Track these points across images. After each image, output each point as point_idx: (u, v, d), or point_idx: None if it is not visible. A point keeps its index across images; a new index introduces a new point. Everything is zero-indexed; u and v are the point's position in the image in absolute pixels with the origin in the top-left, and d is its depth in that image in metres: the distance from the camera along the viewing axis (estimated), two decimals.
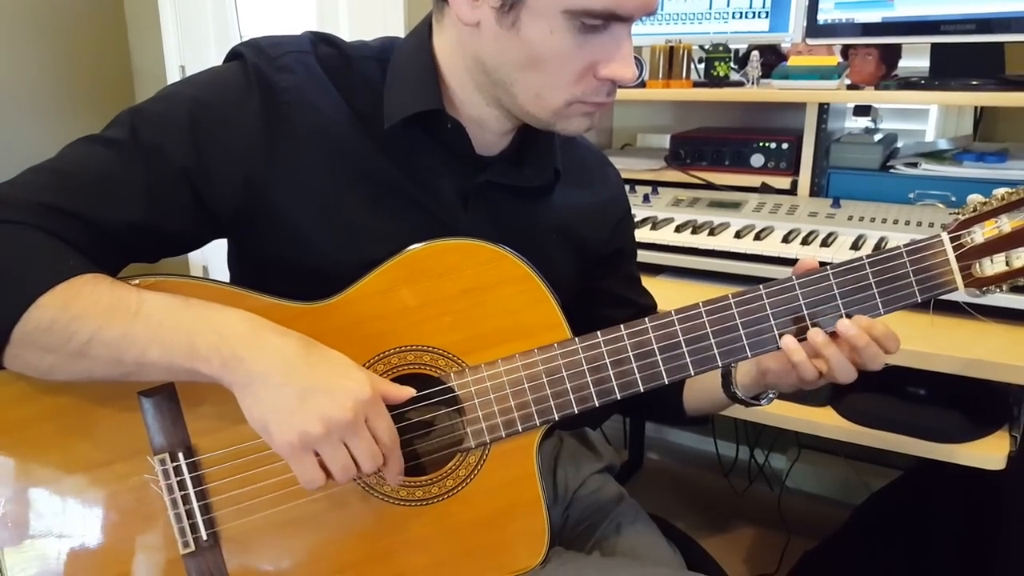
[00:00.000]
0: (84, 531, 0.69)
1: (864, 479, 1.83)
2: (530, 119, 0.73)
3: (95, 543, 0.69)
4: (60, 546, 0.68)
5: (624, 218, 0.95)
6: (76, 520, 0.69)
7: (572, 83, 0.69)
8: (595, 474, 0.97)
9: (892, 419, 1.04)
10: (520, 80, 0.70)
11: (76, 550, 0.69)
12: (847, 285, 0.73)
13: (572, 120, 0.72)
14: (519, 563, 0.75)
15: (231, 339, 0.64)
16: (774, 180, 1.49)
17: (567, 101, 0.70)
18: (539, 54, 0.67)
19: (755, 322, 0.73)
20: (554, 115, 0.71)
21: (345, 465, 0.65)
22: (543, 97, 0.70)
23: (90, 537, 0.69)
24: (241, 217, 0.73)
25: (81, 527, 0.69)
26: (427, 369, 0.73)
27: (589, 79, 0.69)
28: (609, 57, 0.68)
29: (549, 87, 0.69)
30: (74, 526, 0.69)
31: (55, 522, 0.68)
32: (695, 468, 2.09)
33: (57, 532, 0.68)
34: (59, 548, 0.68)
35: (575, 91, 0.70)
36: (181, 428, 0.70)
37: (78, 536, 0.69)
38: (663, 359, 0.73)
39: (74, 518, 0.69)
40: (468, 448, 0.74)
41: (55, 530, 0.68)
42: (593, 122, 0.74)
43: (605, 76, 0.69)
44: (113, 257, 0.69)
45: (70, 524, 0.69)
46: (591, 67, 0.69)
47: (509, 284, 0.74)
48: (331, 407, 0.63)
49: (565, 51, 0.67)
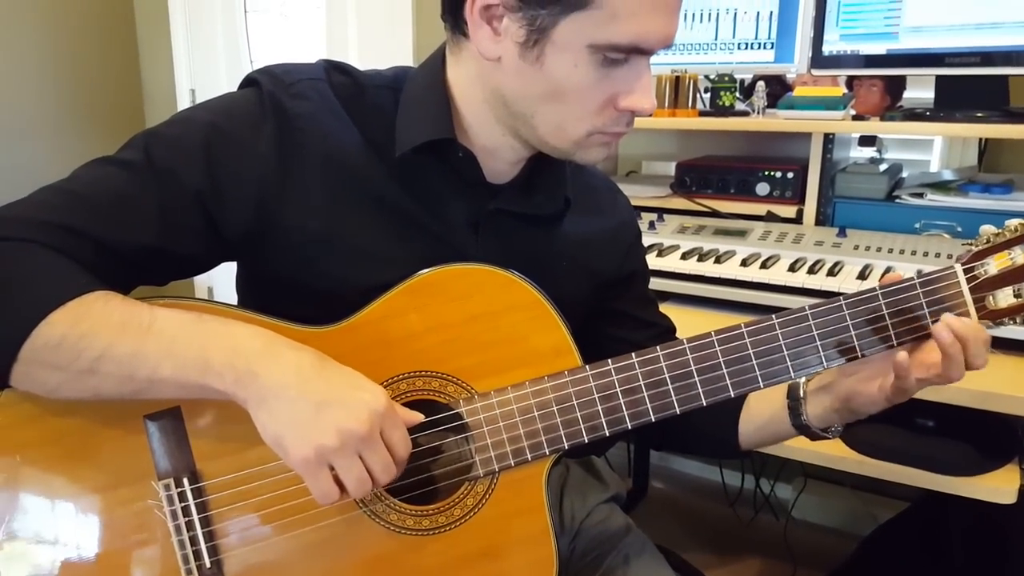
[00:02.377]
0: (87, 556, 0.68)
1: (871, 510, 1.81)
2: (549, 149, 0.74)
3: (97, 569, 0.68)
4: (62, 571, 0.67)
5: (635, 243, 0.95)
6: (78, 545, 0.68)
7: (593, 115, 0.70)
8: (601, 504, 0.96)
9: (900, 451, 1.03)
10: (541, 112, 0.70)
11: (79, 574, 0.67)
12: (860, 316, 0.73)
13: (591, 150, 0.73)
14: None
15: (245, 354, 0.63)
16: (780, 209, 1.49)
17: (588, 132, 0.71)
18: (562, 87, 0.68)
19: (767, 352, 0.73)
20: (574, 145, 0.72)
21: (360, 477, 0.64)
22: (564, 129, 0.71)
23: (93, 563, 0.68)
24: (252, 241, 0.73)
25: (84, 552, 0.68)
26: (436, 395, 0.73)
27: (610, 110, 0.70)
28: (630, 89, 0.69)
29: (571, 119, 0.70)
30: (76, 551, 0.67)
31: (57, 546, 0.67)
32: (700, 497, 2.07)
33: (60, 557, 0.67)
34: (61, 573, 0.67)
35: (596, 122, 0.70)
36: (187, 452, 0.69)
37: (80, 562, 0.68)
38: (675, 388, 0.73)
39: (77, 543, 0.68)
40: (476, 476, 0.73)
41: (57, 555, 0.67)
42: (610, 151, 0.75)
43: (625, 107, 0.70)
44: (122, 278, 0.69)
45: (72, 549, 0.67)
46: (612, 99, 0.69)
47: (519, 310, 0.74)
48: (347, 419, 0.62)
49: (588, 84, 0.68)
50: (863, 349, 0.73)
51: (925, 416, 1.07)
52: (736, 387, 0.73)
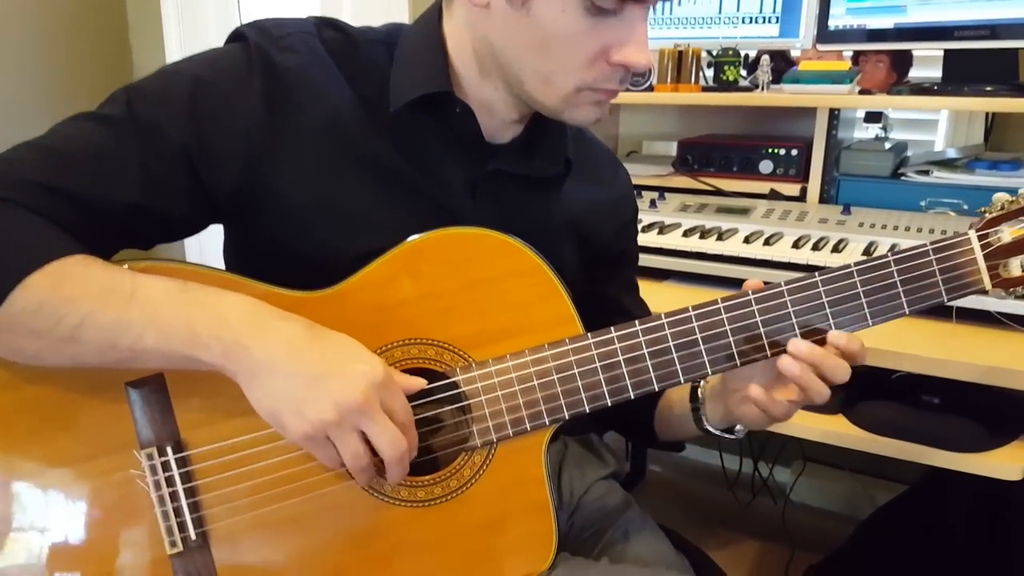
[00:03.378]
0: (66, 529, 0.65)
1: (870, 493, 1.80)
2: (538, 106, 0.70)
3: (77, 541, 0.65)
4: (41, 543, 0.65)
5: (631, 221, 0.92)
6: (58, 517, 0.65)
7: (582, 68, 0.66)
8: (601, 480, 0.93)
9: (905, 427, 1.01)
10: (529, 64, 0.67)
11: (57, 548, 0.65)
12: (871, 283, 0.70)
13: (581, 109, 0.70)
14: (525, 568, 0.71)
15: (233, 325, 0.61)
16: (783, 187, 1.47)
17: (576, 87, 0.67)
18: (549, 36, 0.64)
19: (775, 320, 0.70)
20: (562, 102, 0.69)
21: (355, 452, 0.61)
22: (552, 83, 0.67)
23: (72, 535, 0.65)
24: (240, 201, 0.70)
25: (63, 524, 0.65)
26: (432, 364, 0.70)
27: (601, 64, 0.66)
28: (622, 41, 0.66)
29: (558, 71, 0.67)
30: (56, 523, 0.65)
31: (36, 519, 0.65)
32: (698, 480, 2.05)
33: (38, 529, 0.65)
34: (40, 546, 0.65)
35: (585, 77, 0.67)
36: (170, 421, 0.66)
37: (59, 534, 0.65)
38: (679, 357, 0.70)
39: (56, 515, 0.65)
40: (473, 447, 0.70)
41: (35, 527, 0.65)
42: (603, 112, 0.71)
43: (618, 61, 0.66)
44: (104, 240, 0.66)
45: (51, 521, 0.65)
46: (603, 52, 0.66)
47: (519, 276, 0.71)
48: (344, 391, 0.60)
49: (576, 33, 0.64)
50: (873, 317, 0.70)
51: (930, 392, 1.05)
52: (743, 356, 0.70)
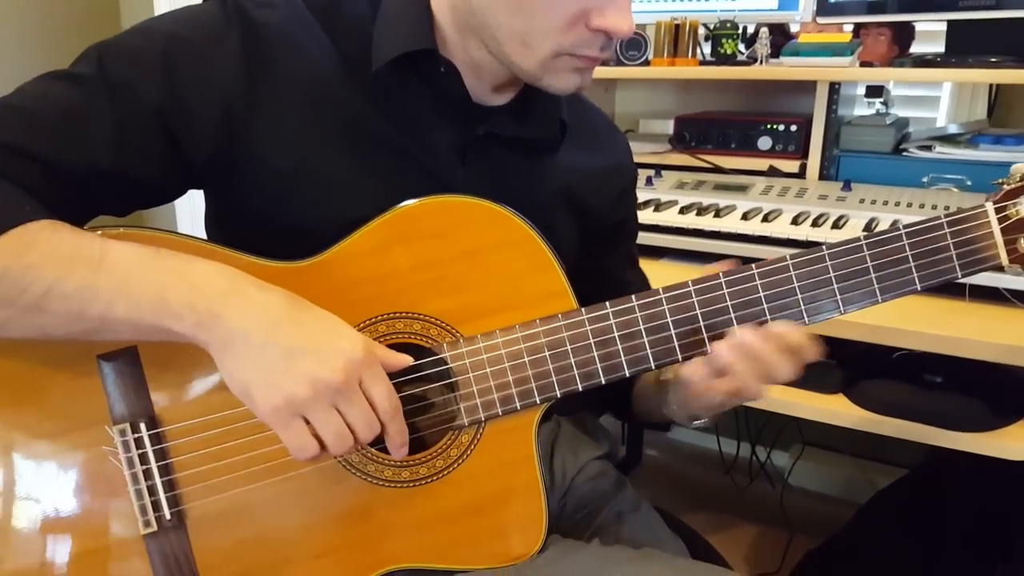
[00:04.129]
0: (35, 508, 0.62)
1: (869, 477, 1.78)
2: (516, 69, 0.67)
3: (47, 520, 0.62)
4: (9, 522, 0.62)
5: (629, 188, 0.89)
6: (26, 495, 0.62)
7: (560, 31, 0.63)
8: (594, 460, 0.91)
9: (908, 407, 0.98)
10: (506, 24, 0.64)
11: (25, 528, 0.62)
12: (881, 257, 0.67)
13: (560, 75, 0.66)
14: (515, 551, 0.68)
15: (207, 293, 0.57)
16: (782, 163, 1.44)
17: (554, 51, 0.64)
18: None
19: (780, 295, 0.67)
20: (540, 67, 0.65)
21: (339, 432, 0.58)
22: (529, 45, 0.64)
23: (42, 513, 0.62)
24: (217, 165, 0.67)
25: (32, 503, 0.62)
26: (418, 339, 0.67)
27: (580, 28, 0.63)
28: (602, 6, 0.62)
29: (535, 34, 0.64)
30: (24, 502, 0.62)
31: (3, 497, 0.62)
32: (695, 464, 2.03)
33: (5, 507, 0.62)
34: (7, 524, 0.62)
35: (563, 40, 0.64)
36: (144, 396, 0.64)
37: (28, 513, 0.62)
38: (677, 334, 0.67)
39: (24, 493, 0.62)
40: (461, 426, 0.68)
41: (2, 505, 0.62)
42: (584, 81, 0.68)
43: (597, 26, 0.63)
44: (75, 206, 0.63)
45: (19, 500, 0.62)
46: (583, 15, 0.63)
47: (510, 247, 0.68)
48: (320, 368, 0.57)
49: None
50: (883, 293, 0.67)
51: (933, 371, 1.02)
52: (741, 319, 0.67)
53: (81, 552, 0.63)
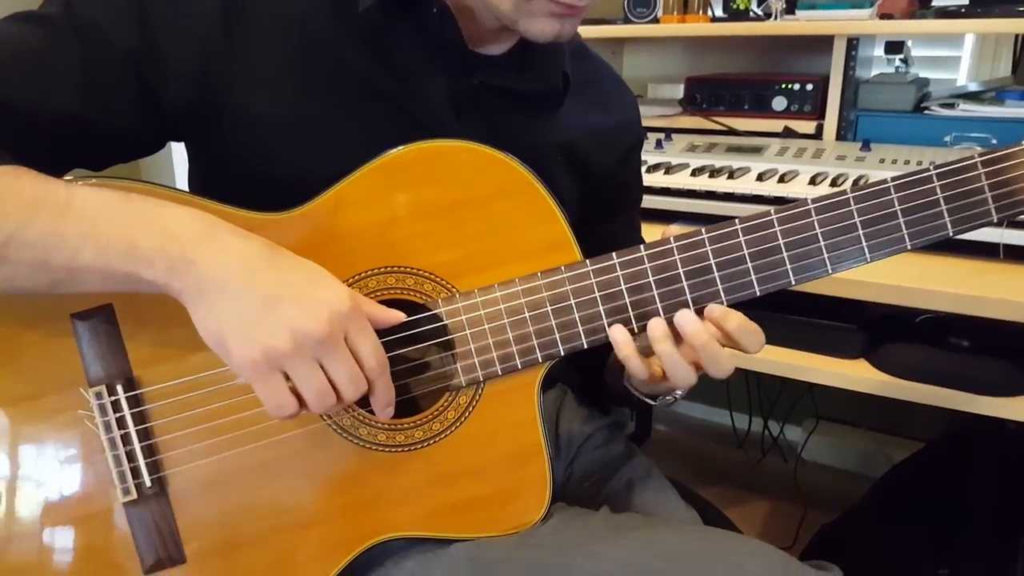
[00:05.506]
0: (8, 477, 0.59)
1: (885, 451, 1.74)
2: (494, 10, 0.62)
3: (21, 490, 0.59)
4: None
5: (635, 149, 0.84)
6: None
7: None
8: (602, 429, 0.87)
9: (933, 371, 0.94)
10: None
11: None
12: (910, 200, 0.62)
13: (536, 20, 0.62)
14: (517, 518, 0.64)
15: (180, 238, 0.53)
16: (797, 124, 1.38)
17: None
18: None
19: (800, 243, 0.63)
20: (515, 8, 0.61)
21: (320, 388, 0.54)
22: None
23: (15, 481, 0.59)
24: (194, 113, 0.62)
25: (4, 472, 0.59)
26: (411, 294, 0.63)
27: None
28: None
29: None
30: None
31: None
32: (705, 439, 2.00)
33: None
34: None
35: None
36: (121, 356, 0.60)
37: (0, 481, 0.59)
38: (689, 285, 0.63)
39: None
40: (458, 387, 0.63)
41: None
42: (564, 30, 0.63)
43: None
44: (45, 158, 0.59)
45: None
46: None
47: (510, 196, 0.63)
48: (302, 318, 0.52)
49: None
50: (912, 239, 0.62)
51: (959, 335, 0.97)
52: (762, 283, 0.63)
53: (57, 523, 0.59)
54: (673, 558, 0.58)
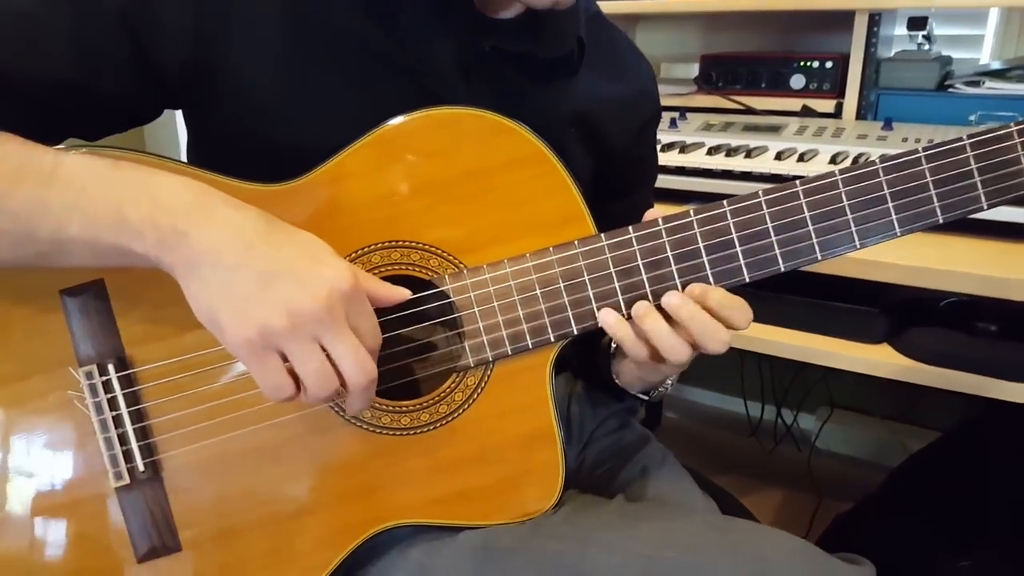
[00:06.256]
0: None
1: (900, 440, 1.70)
2: None
3: (7, 475, 0.56)
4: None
5: (652, 122, 0.81)
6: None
7: None
8: (615, 414, 0.84)
9: (960, 356, 0.90)
10: None
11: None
12: (943, 172, 0.59)
13: None
14: (527, 506, 0.61)
15: (171, 209, 0.50)
16: (816, 103, 1.34)
17: None
18: None
19: (827, 215, 0.59)
20: None
21: (321, 370, 0.51)
22: None
23: (2, 468, 0.56)
24: (190, 77, 0.60)
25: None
26: (416, 270, 0.60)
27: None
28: None
29: None
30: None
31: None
32: (717, 427, 1.96)
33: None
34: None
35: None
36: (112, 334, 0.57)
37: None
38: (710, 261, 0.59)
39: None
40: (466, 367, 0.60)
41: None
42: None
43: None
44: (35, 126, 0.56)
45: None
46: None
47: (520, 167, 0.60)
48: (300, 296, 0.49)
49: None
50: (944, 212, 0.59)
51: (987, 319, 0.93)
52: (787, 258, 0.59)
53: (46, 510, 0.57)
54: (693, 550, 0.55)
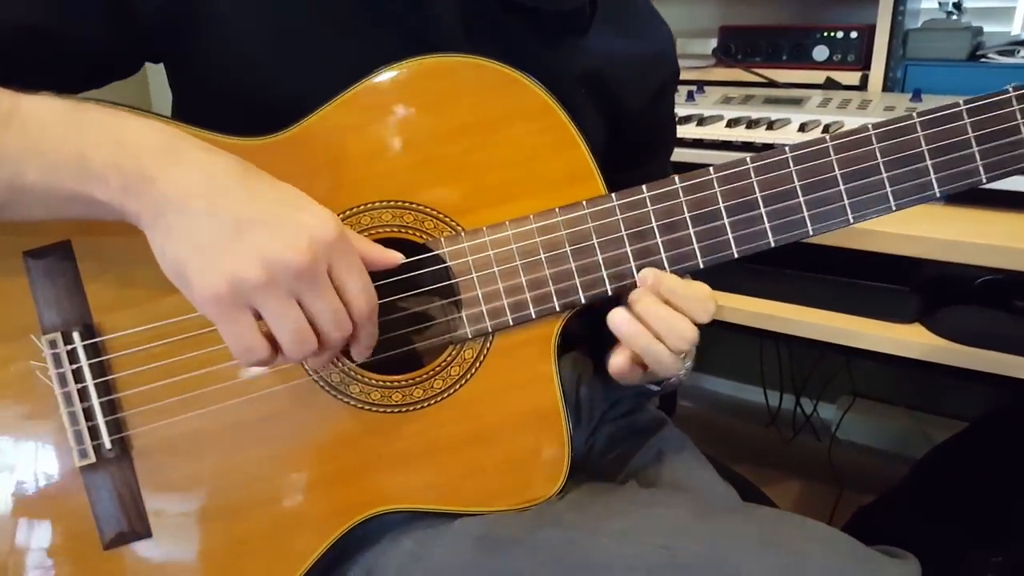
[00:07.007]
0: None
1: (924, 430, 1.65)
2: None
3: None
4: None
5: (670, 86, 0.75)
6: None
7: None
8: (628, 396, 0.78)
9: (997, 335, 0.84)
10: None
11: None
12: (939, 140, 0.55)
13: None
14: (529, 491, 0.56)
15: (137, 152, 0.46)
16: (840, 76, 1.28)
17: None
18: None
19: (858, 174, 0.54)
20: None
21: (298, 329, 0.46)
22: None
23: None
24: (170, 26, 0.55)
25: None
26: (410, 233, 0.55)
27: None
28: None
29: None
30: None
31: None
32: (733, 416, 1.91)
33: None
34: None
35: None
36: (79, 300, 0.53)
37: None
38: (731, 223, 0.54)
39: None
40: (463, 338, 0.55)
41: None
42: None
43: None
44: (13, 78, 0.52)
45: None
46: None
47: (523, 120, 0.55)
48: (277, 245, 0.45)
49: None
50: (940, 185, 0.54)
51: None
52: (815, 220, 0.54)
53: (7, 491, 0.52)
54: (716, 541, 0.50)
